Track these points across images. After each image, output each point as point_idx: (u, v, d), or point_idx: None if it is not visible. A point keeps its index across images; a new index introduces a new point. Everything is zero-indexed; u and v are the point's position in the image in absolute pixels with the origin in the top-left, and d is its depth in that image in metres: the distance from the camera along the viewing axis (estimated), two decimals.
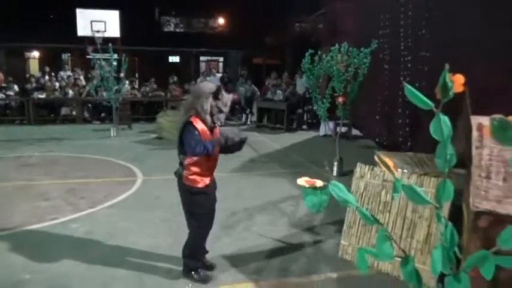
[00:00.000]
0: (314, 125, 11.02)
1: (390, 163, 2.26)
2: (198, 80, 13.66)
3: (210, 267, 3.28)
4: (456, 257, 2.16)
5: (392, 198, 2.13)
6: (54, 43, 17.43)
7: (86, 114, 11.97)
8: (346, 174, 5.89)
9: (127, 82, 12.02)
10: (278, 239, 3.95)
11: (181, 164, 3.04)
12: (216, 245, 3.81)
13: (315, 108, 6.75)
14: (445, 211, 3.12)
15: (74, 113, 11.93)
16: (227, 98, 3.05)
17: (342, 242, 3.57)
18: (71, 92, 12.01)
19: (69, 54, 20.60)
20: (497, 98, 4.21)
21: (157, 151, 8.08)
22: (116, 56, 10.33)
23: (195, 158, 2.95)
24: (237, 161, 6.71)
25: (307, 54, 6.12)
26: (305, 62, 6.13)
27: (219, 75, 14.33)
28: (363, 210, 2.21)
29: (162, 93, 12.60)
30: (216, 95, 2.93)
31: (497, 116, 1.86)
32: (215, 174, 3.19)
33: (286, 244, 3.86)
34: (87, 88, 11.82)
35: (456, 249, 2.17)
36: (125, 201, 5.03)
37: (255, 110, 12.10)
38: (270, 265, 3.44)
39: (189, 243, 3.14)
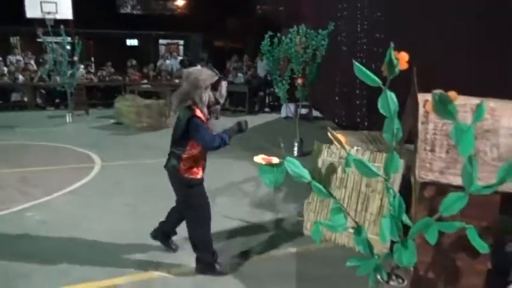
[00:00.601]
0: (276, 107, 11.11)
1: (342, 139, 2.35)
2: (158, 63, 13.34)
3: (175, 249, 3.30)
4: (404, 226, 2.31)
5: (344, 172, 2.22)
6: (0, 25, 16.29)
7: (39, 101, 11.39)
8: (306, 155, 6.03)
9: (82, 66, 11.54)
10: (240, 218, 4.01)
11: (176, 157, 2.85)
12: (179, 228, 3.82)
13: (275, 90, 6.80)
14: (396, 184, 3.30)
15: (25, 99, 11.32)
16: (224, 88, 2.93)
17: (302, 218, 3.69)
18: (21, 77, 11.36)
19: (18, 38, 19.37)
20: (445, 76, 4.43)
21: (115, 136, 7.88)
22: (69, 39, 9.85)
23: (195, 151, 2.82)
24: None
25: (266, 36, 6.13)
26: (264, 44, 6.14)
27: (180, 58, 14.02)
28: (316, 185, 2.30)
29: (120, 78, 12.20)
30: (215, 86, 2.79)
31: (438, 91, 1.98)
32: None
33: (248, 223, 3.93)
34: (39, 73, 11.23)
35: (405, 218, 2.31)
36: (82, 188, 4.90)
37: None
38: (232, 244, 3.49)
39: (198, 238, 2.98)
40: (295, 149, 6.44)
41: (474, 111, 1.90)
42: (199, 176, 2.91)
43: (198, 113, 2.75)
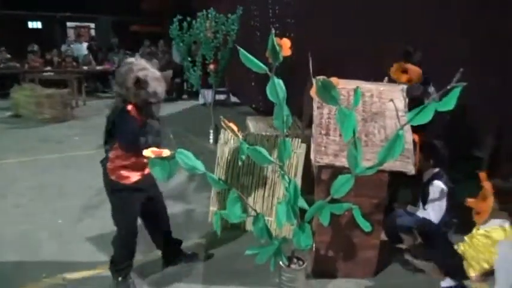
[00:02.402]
0: (194, 94, 10.86)
1: (235, 128, 2.31)
2: (62, 48, 12.25)
3: (196, 256, 3.01)
4: (302, 210, 2.35)
5: (241, 160, 2.19)
6: None
7: None
8: None
9: None
10: None
11: (106, 154, 2.48)
12: (78, 227, 3.56)
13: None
14: (299, 168, 3.38)
15: None
16: (156, 84, 2.35)
17: (211, 208, 3.63)
18: None
19: None
20: (344, 61, 4.64)
21: (12, 130, 7.08)
22: None
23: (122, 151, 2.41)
24: None
25: (175, 20, 5.88)
26: (173, 29, 5.88)
27: (86, 44, 12.99)
28: (212, 176, 2.24)
29: (18, 65, 10.96)
30: (138, 87, 2.29)
31: (321, 77, 2.01)
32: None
33: None
34: None
35: (301, 202, 2.35)
36: None
37: None
38: (139, 238, 3.31)
39: (115, 246, 2.64)
40: (211, 136, 6.34)
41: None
42: (127, 182, 2.44)
43: (131, 108, 2.34)
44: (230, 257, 3.08)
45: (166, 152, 2.08)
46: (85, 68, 11.21)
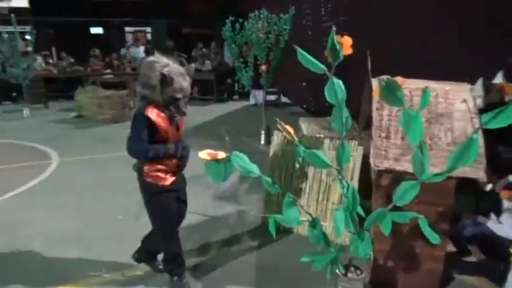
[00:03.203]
0: (245, 95, 10.94)
1: (291, 130, 2.24)
2: (121, 52, 12.85)
3: (161, 269, 2.83)
4: (360, 216, 2.23)
5: (297, 163, 2.12)
6: None
7: None
8: None
9: (39, 58, 10.97)
10: (201, 212, 3.87)
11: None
12: (137, 225, 3.66)
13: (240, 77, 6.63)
14: (356, 172, 3.24)
15: None
16: (181, 80, 2.31)
17: (263, 210, 3.59)
18: None
19: None
20: (407, 59, 4.39)
21: (75, 131, 7.54)
22: (28, 28, 9.33)
23: None
24: None
25: (227, 21, 5.93)
26: (225, 30, 5.93)
27: (143, 47, 13.54)
28: (266, 179, 2.18)
29: (81, 68, 11.68)
30: (164, 84, 2.25)
31: (385, 77, 1.88)
32: None
33: (210, 217, 3.80)
34: None
35: (360, 209, 2.23)
36: (35, 187, 4.62)
37: None
38: (191, 239, 3.36)
39: (166, 253, 2.65)
40: (262, 137, 6.32)
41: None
42: (165, 183, 2.44)
43: (150, 112, 2.28)
44: (283, 262, 3.01)
45: (221, 155, 2.06)
46: None
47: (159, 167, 2.42)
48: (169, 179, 2.47)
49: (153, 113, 2.28)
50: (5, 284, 2.74)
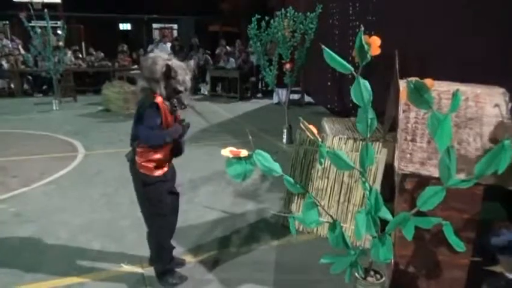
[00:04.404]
0: (269, 93, 10.93)
1: (314, 130, 2.21)
2: (149, 48, 13.06)
3: (180, 264, 2.87)
4: (381, 220, 2.18)
5: (320, 164, 2.10)
6: None
7: (27, 87, 11.17)
8: None
9: (69, 52, 11.29)
10: (221, 209, 3.90)
11: (132, 148, 2.52)
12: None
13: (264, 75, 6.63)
14: (379, 174, 3.17)
15: (12, 85, 11.09)
16: (184, 74, 2.41)
17: (284, 210, 3.57)
18: (5, 63, 11.09)
19: (5, 22, 18.91)
20: (435, 60, 4.27)
21: (102, 124, 7.73)
22: (59, 23, 9.63)
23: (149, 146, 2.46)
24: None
25: (253, 19, 5.93)
26: (251, 28, 5.93)
27: (169, 44, 13.72)
28: (288, 179, 2.17)
29: (109, 63, 11.95)
30: (167, 74, 2.34)
31: (414, 78, 1.83)
32: None
33: (229, 214, 3.82)
34: (21, 58, 10.98)
35: (383, 212, 2.19)
36: (62, 178, 4.76)
37: (208, 79, 11.80)
38: (211, 236, 3.39)
39: (153, 244, 2.69)
40: (284, 136, 6.30)
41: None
42: (156, 174, 2.49)
43: (159, 99, 2.36)
44: (302, 262, 2.98)
45: (244, 152, 2.05)
46: None
47: (153, 157, 2.47)
48: (162, 170, 2.52)
49: (162, 102, 2.38)
50: (28, 270, 2.84)
